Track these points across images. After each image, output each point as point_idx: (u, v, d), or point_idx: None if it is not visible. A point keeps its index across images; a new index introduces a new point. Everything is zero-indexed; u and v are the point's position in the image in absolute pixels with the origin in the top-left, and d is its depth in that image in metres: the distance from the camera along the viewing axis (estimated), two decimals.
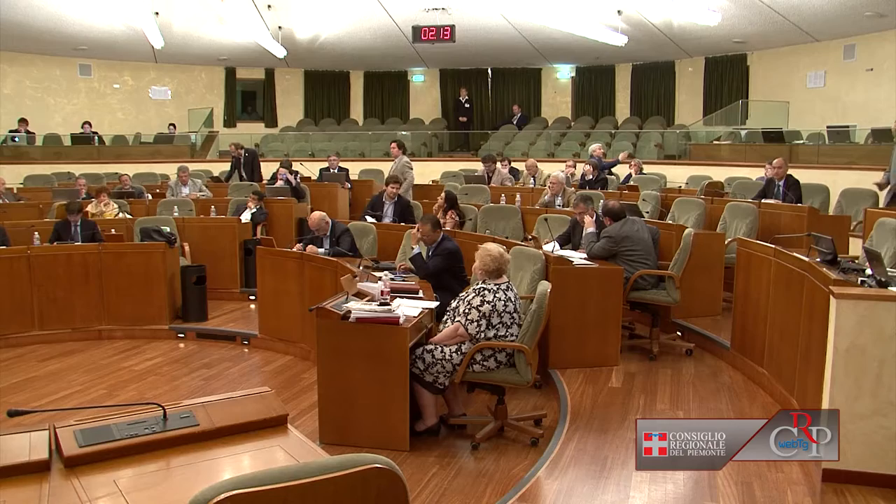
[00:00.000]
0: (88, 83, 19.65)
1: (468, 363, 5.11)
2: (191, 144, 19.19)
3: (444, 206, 9.05)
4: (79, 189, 12.19)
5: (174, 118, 19.81)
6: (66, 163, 16.49)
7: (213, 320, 9.15)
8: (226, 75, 21.04)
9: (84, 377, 7.52)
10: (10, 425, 3.42)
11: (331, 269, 7.31)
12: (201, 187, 12.80)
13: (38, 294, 8.72)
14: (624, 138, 18.05)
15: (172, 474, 2.60)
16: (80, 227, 9.50)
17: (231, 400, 2.98)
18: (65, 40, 17.67)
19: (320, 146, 18.96)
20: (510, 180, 12.77)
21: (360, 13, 17.32)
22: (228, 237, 10.38)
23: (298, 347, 7.83)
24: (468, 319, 5.12)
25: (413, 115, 21.47)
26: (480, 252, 5.26)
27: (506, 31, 17.52)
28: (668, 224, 8.74)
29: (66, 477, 2.54)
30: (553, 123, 20.16)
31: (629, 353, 7.08)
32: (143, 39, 17.41)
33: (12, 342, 8.09)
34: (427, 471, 4.81)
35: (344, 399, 5.23)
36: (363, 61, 20.61)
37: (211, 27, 17.76)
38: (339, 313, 5.23)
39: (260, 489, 1.85)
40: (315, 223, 8.25)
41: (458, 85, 20.92)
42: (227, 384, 7.22)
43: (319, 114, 21.55)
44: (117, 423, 2.79)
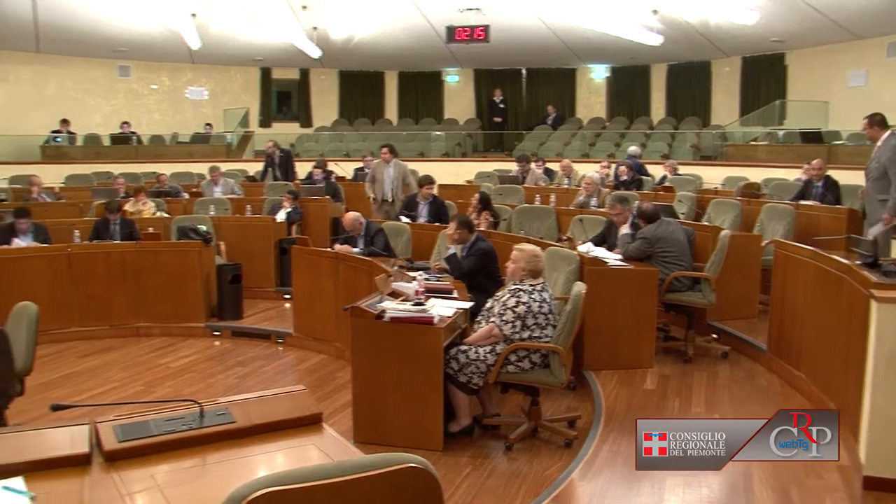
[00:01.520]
0: (127, 84, 19.89)
1: (502, 364, 5.10)
2: (227, 144, 19.36)
3: (479, 206, 9.03)
4: (117, 188, 12.32)
5: (210, 118, 19.99)
6: (106, 162, 16.71)
7: (248, 318, 9.22)
8: (261, 76, 21.18)
9: (122, 373, 7.61)
10: (51, 419, 3.47)
11: (365, 268, 7.33)
12: (234, 188, 12.89)
13: (77, 291, 8.84)
14: (659, 139, 17.92)
15: (209, 470, 2.63)
16: (119, 226, 9.61)
17: (267, 398, 3.00)
18: (105, 42, 17.91)
19: (355, 146, 19.03)
20: (544, 181, 12.74)
21: (394, 13, 17.36)
22: (264, 236, 10.44)
23: (332, 346, 7.86)
24: (503, 320, 5.11)
25: (447, 116, 21.48)
26: (515, 252, 5.25)
27: (540, 31, 17.46)
28: (703, 225, 8.67)
29: (105, 471, 2.58)
30: (588, 124, 20.08)
31: (664, 355, 7.02)
32: (181, 41, 17.61)
33: (54, 338, 8.18)
34: (460, 471, 4.81)
35: (378, 398, 5.25)
36: (397, 61, 20.65)
37: (247, 28, 17.90)
38: (373, 313, 5.25)
39: (295, 487, 1.86)
40: (349, 223, 8.28)
41: (492, 85, 20.87)
42: (262, 382, 7.26)
43: (354, 114, 21.62)
44: (155, 419, 2.83)
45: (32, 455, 2.63)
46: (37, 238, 9.15)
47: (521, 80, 21.16)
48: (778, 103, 17.02)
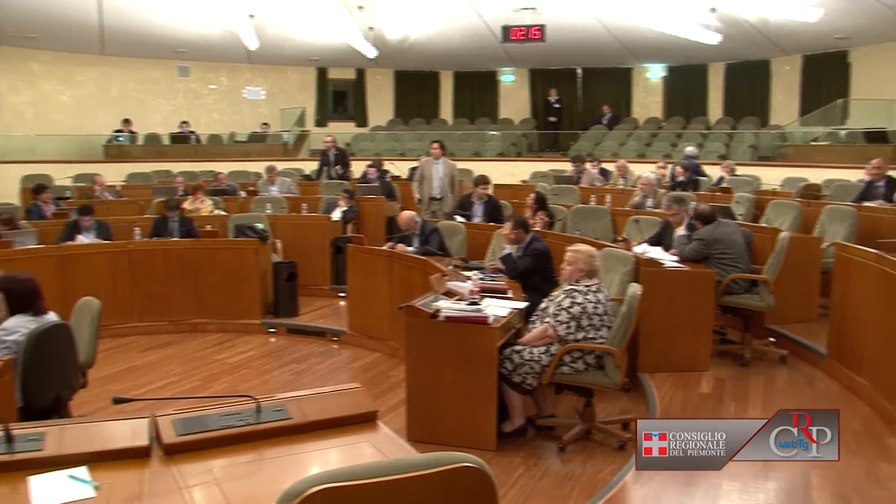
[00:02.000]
0: (187, 84, 20.22)
1: (556, 364, 5.08)
2: (283, 143, 19.57)
3: (534, 206, 9.00)
4: (176, 186, 12.52)
5: (267, 118, 20.21)
6: (166, 161, 17.03)
7: (304, 316, 9.30)
8: (317, 75, 21.35)
9: (179, 368, 7.75)
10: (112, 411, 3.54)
11: (420, 267, 7.35)
12: (290, 187, 13.01)
13: (138, 287, 9.01)
14: (716, 139, 17.66)
15: (265, 465, 2.66)
16: (178, 224, 9.75)
17: (323, 395, 3.04)
18: (165, 44, 18.24)
19: (410, 146, 19.09)
20: (600, 181, 12.65)
21: (449, 13, 17.37)
22: (319, 235, 10.52)
23: (387, 345, 7.90)
24: (557, 321, 5.09)
25: (502, 116, 21.42)
26: (570, 254, 5.22)
27: (596, 31, 17.34)
28: (761, 227, 8.50)
29: (164, 463, 2.63)
30: (644, 124, 19.88)
31: (720, 358, 6.90)
32: (239, 41, 17.86)
33: (114, 333, 8.34)
34: (513, 471, 4.80)
35: (432, 397, 5.26)
36: (453, 61, 20.66)
37: (303, 28, 18.06)
38: (428, 312, 5.27)
39: (351, 484, 1.87)
40: (405, 222, 8.31)
41: (547, 85, 20.77)
42: (316, 379, 7.32)
43: (409, 113, 21.68)
44: (213, 414, 2.88)
45: (96, 446, 2.70)
46: (99, 235, 9.37)
47: (576, 80, 21.02)
48: (840, 102, 16.63)
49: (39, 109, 18.20)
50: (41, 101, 18.30)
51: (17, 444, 2.64)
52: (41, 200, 10.86)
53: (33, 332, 4.51)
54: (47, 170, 14.83)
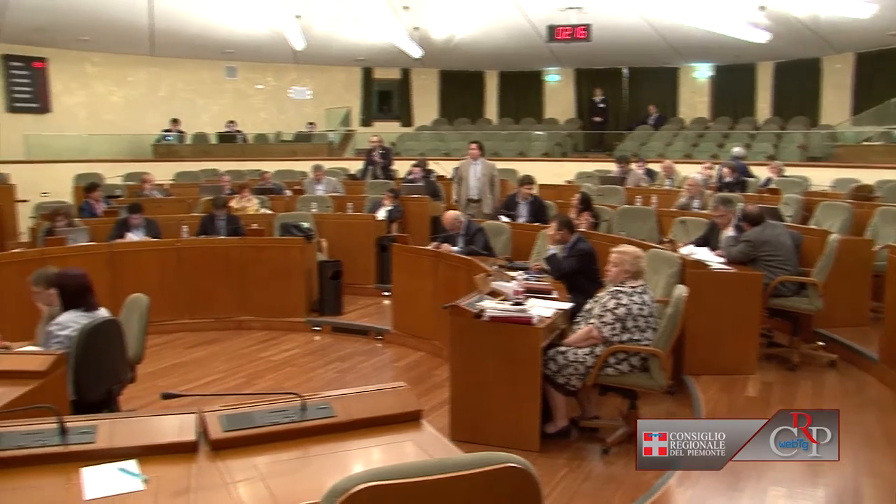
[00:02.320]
0: (234, 84, 20.45)
1: (601, 366, 5.05)
2: (328, 143, 19.70)
3: (579, 206, 8.96)
4: (223, 185, 12.64)
5: (313, 117, 20.35)
6: (213, 160, 17.22)
7: (348, 314, 9.36)
8: (363, 75, 21.47)
9: (225, 365, 7.83)
10: (160, 406, 3.59)
11: (464, 267, 7.35)
12: (335, 186, 13.08)
13: (185, 284, 9.12)
14: (764, 139, 17.41)
15: (310, 462, 2.68)
16: (225, 222, 9.85)
17: (368, 393, 3.05)
18: (214, 45, 18.46)
19: (455, 145, 19.08)
20: (646, 181, 12.55)
21: (494, 13, 17.36)
22: (364, 234, 10.57)
23: (431, 344, 7.91)
24: (602, 322, 5.06)
25: (547, 115, 21.34)
26: (616, 255, 5.19)
27: (642, 30, 17.19)
28: (811, 229, 8.36)
29: (211, 458, 2.67)
30: (690, 124, 19.67)
31: (766, 361, 6.80)
32: (285, 42, 18.01)
33: (162, 329, 8.42)
34: (556, 473, 4.78)
35: (475, 397, 5.26)
36: (498, 61, 20.64)
37: (349, 29, 18.16)
38: (472, 312, 5.27)
39: (397, 482, 1.88)
40: (449, 222, 8.32)
41: (592, 85, 20.66)
42: (360, 378, 7.35)
43: (454, 113, 21.70)
44: (259, 410, 2.92)
45: (145, 440, 2.75)
46: (148, 233, 9.51)
47: (622, 80, 20.88)
48: (894, 101, 16.28)
49: (92, 110, 18.53)
50: (94, 102, 18.63)
51: (70, 436, 2.70)
52: (93, 199, 11.05)
53: (85, 328, 4.59)
54: (99, 169, 15.07)
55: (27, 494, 2.46)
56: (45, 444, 2.66)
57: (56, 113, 18.05)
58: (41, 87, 17.80)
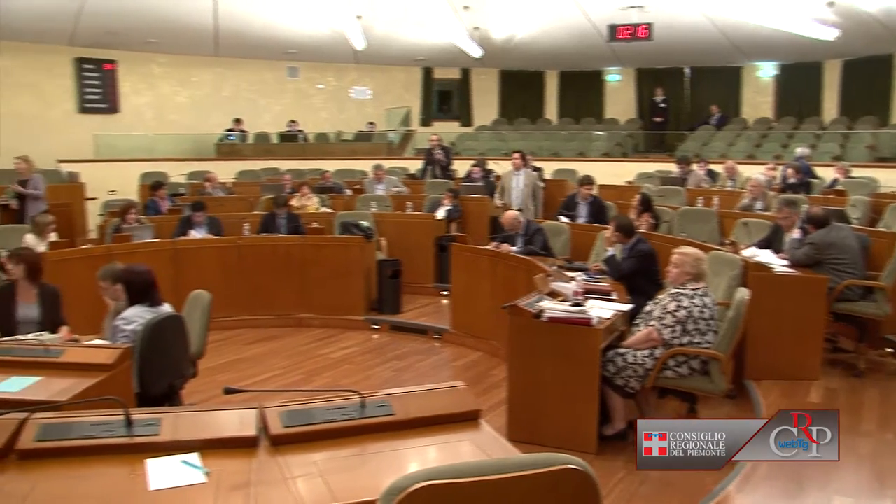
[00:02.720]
0: (296, 84, 20.66)
1: (660, 369, 5.00)
2: (388, 142, 19.79)
3: (640, 207, 8.88)
4: (284, 184, 12.79)
5: (373, 117, 20.47)
6: (274, 159, 17.45)
7: (407, 313, 9.39)
8: (423, 75, 21.53)
9: (284, 362, 7.92)
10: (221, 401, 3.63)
11: (523, 267, 7.33)
12: (396, 184, 13.14)
13: (246, 281, 9.24)
14: (830, 140, 16.99)
15: (367, 460, 2.70)
16: (285, 220, 9.97)
17: (427, 392, 3.06)
18: (276, 45, 18.67)
19: (515, 145, 18.92)
20: (707, 182, 12.36)
21: (555, 13, 17.25)
22: (423, 233, 10.60)
23: (488, 344, 7.90)
24: (662, 324, 5.00)
25: (608, 115, 21.14)
26: (677, 256, 5.13)
27: (705, 29, 16.91)
28: (879, 231, 8.15)
29: (271, 454, 2.70)
30: (753, 124, 19.31)
31: (830, 367, 6.64)
32: (346, 42, 18.14)
33: (222, 325, 8.49)
34: (613, 475, 4.73)
35: (533, 398, 5.25)
36: (558, 61, 20.52)
37: (409, 29, 18.23)
38: (531, 312, 5.25)
39: (456, 481, 1.88)
40: (508, 222, 8.31)
41: (653, 84, 20.39)
42: (418, 377, 7.38)
43: (514, 113, 21.63)
44: (318, 407, 2.94)
45: (207, 434, 2.79)
46: (211, 230, 9.66)
47: (683, 80, 20.58)
48: None
49: (158, 110, 18.89)
50: (160, 102, 18.99)
51: (135, 428, 2.76)
52: (158, 196, 11.27)
53: (150, 323, 4.69)
54: (164, 167, 15.35)
55: (95, 483, 2.53)
56: (111, 434, 2.73)
57: (124, 113, 18.45)
58: (111, 88, 18.21)
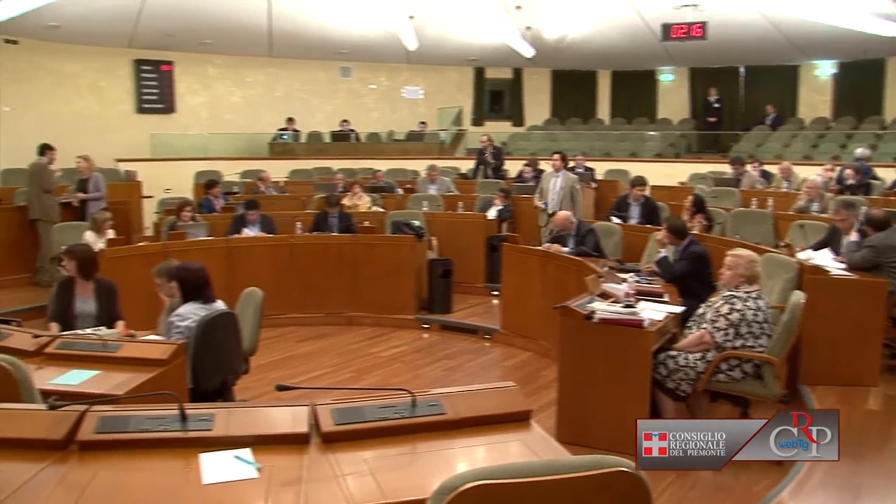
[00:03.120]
0: (348, 84, 20.80)
1: (713, 372, 4.95)
2: (440, 142, 19.83)
3: (692, 208, 8.79)
4: (336, 183, 12.89)
5: (425, 117, 20.53)
6: (326, 158, 17.60)
7: (457, 313, 9.40)
8: (475, 75, 21.53)
9: (335, 360, 7.98)
10: (272, 398, 3.68)
11: (574, 268, 7.30)
12: (450, 186, 13.16)
13: (298, 280, 9.33)
14: (892, 140, 16.61)
15: (418, 459, 2.71)
16: (337, 219, 10.04)
17: (477, 392, 3.06)
18: (329, 45, 18.82)
19: (566, 145, 18.87)
20: (761, 183, 12.18)
21: (608, 12, 17.12)
22: (474, 233, 10.60)
23: (538, 344, 7.87)
24: (715, 327, 4.95)
25: (661, 115, 20.93)
26: (731, 258, 5.07)
27: (761, 26, 16.60)
28: None
29: (322, 451, 2.72)
30: (810, 124, 18.94)
31: (890, 374, 6.46)
32: (399, 42, 18.20)
33: (275, 322, 8.56)
34: (662, 479, 4.67)
35: (583, 399, 5.22)
36: (610, 60, 20.37)
37: (462, 29, 18.23)
38: (582, 313, 5.23)
39: (506, 482, 1.88)
40: (560, 222, 8.28)
41: (707, 84, 20.13)
42: (467, 376, 7.38)
43: (566, 113, 21.53)
44: (369, 405, 2.96)
45: (259, 430, 2.83)
46: (263, 228, 9.77)
47: (738, 79, 20.26)
48: None
49: (213, 110, 19.17)
50: (214, 102, 19.27)
51: (189, 422, 2.81)
52: (212, 195, 11.43)
53: (203, 319, 4.76)
54: (218, 166, 15.55)
55: (150, 475, 2.58)
56: (167, 428, 2.79)
57: (180, 113, 18.77)
58: (167, 88, 18.54)
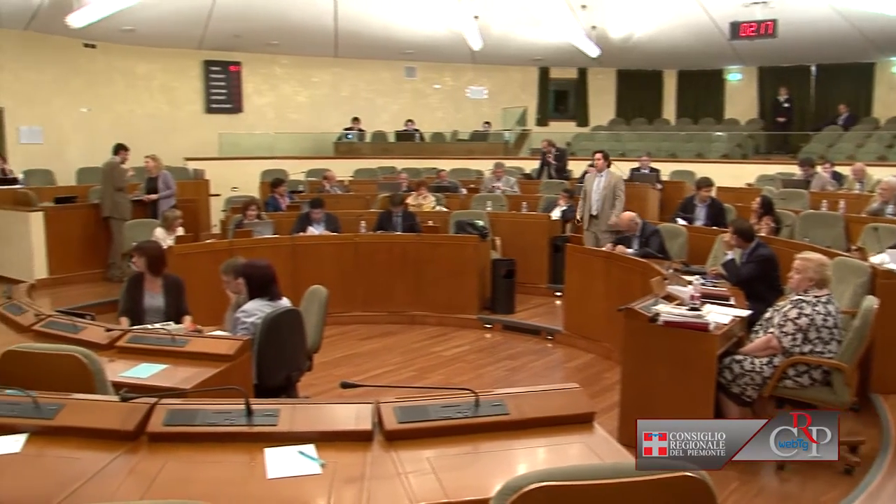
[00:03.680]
0: (413, 84, 20.88)
1: (779, 377, 4.86)
2: (504, 142, 19.79)
3: (760, 210, 8.63)
4: (400, 182, 12.98)
5: (489, 117, 20.51)
6: (391, 158, 17.72)
7: (520, 313, 9.39)
8: (539, 75, 21.44)
9: (397, 358, 8.03)
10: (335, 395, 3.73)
11: (639, 269, 7.24)
12: (513, 185, 13.15)
13: (361, 278, 9.42)
14: None
15: (480, 458, 2.71)
16: (401, 218, 10.12)
17: (541, 393, 3.06)
18: (394, 46, 18.92)
19: (631, 146, 18.76)
20: (832, 185, 11.90)
21: (674, 10, 16.88)
22: (538, 233, 10.57)
23: (601, 346, 7.83)
24: (782, 332, 4.86)
25: (728, 116, 20.57)
26: (800, 261, 4.97)
27: (834, 23, 16.15)
28: None
29: (385, 449, 2.75)
30: (886, 123, 18.38)
31: None
32: (463, 42, 18.21)
33: (338, 320, 8.67)
34: (726, 485, 4.60)
35: (646, 402, 5.17)
36: (676, 59, 20.09)
37: (526, 29, 18.16)
38: (647, 315, 5.17)
39: (571, 483, 1.88)
40: (625, 223, 8.23)
41: (777, 83, 19.69)
42: (530, 377, 7.37)
43: (631, 113, 21.30)
44: (433, 404, 2.97)
45: (324, 426, 2.87)
46: (328, 227, 9.88)
47: (809, 78, 19.79)
48: None
49: (279, 110, 19.43)
50: (281, 102, 19.53)
51: (255, 417, 2.87)
52: (278, 193, 11.60)
53: (269, 316, 4.84)
54: (284, 165, 15.77)
55: (217, 468, 2.63)
56: (232, 423, 2.84)
57: (247, 113, 19.06)
58: (235, 89, 18.86)
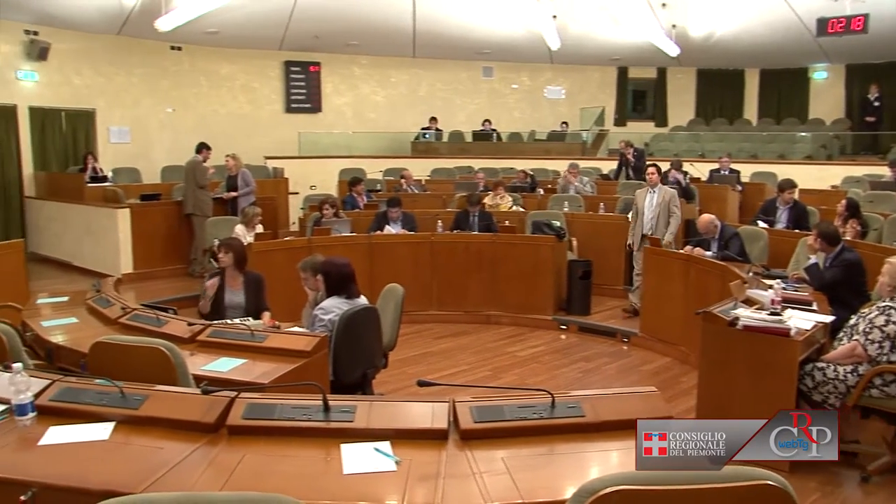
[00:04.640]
0: (490, 84, 20.89)
1: (865, 386, 4.72)
2: (582, 142, 19.65)
3: (845, 213, 8.39)
4: (478, 182, 12.99)
5: (566, 117, 20.38)
6: (468, 157, 17.74)
7: (596, 315, 9.33)
8: (618, 75, 21.23)
9: (472, 357, 8.05)
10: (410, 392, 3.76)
11: (718, 273, 7.11)
12: (587, 184, 13.05)
13: (437, 277, 9.48)
14: None
15: (555, 460, 2.71)
16: (478, 218, 10.12)
17: (617, 395, 3.04)
18: (471, 46, 18.96)
19: (711, 147, 18.43)
20: None
21: (757, 7, 16.49)
22: (615, 234, 10.41)
23: (678, 349, 7.72)
24: (868, 339, 4.72)
25: (812, 115, 20.01)
26: (888, 266, 4.82)
27: None
28: None
29: (460, 448, 2.76)
30: None
31: None
32: (541, 42, 18.14)
33: (414, 318, 8.75)
34: (807, 496, 4.51)
35: (723, 408, 5.09)
36: (759, 58, 19.62)
37: (605, 28, 18.00)
38: (726, 319, 5.09)
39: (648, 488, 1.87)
40: (704, 225, 8.09)
41: (866, 81, 19.03)
42: (604, 379, 7.31)
43: (711, 113, 20.92)
44: (508, 404, 2.98)
45: (399, 424, 2.90)
46: (405, 226, 9.95)
47: None
48: None
49: (357, 109, 19.66)
50: (359, 102, 19.75)
51: (332, 413, 2.92)
52: (356, 192, 11.73)
53: (346, 313, 4.90)
54: (361, 164, 15.99)
55: (294, 462, 2.69)
56: (310, 418, 2.90)
57: (326, 112, 19.32)
58: (314, 89, 19.14)
